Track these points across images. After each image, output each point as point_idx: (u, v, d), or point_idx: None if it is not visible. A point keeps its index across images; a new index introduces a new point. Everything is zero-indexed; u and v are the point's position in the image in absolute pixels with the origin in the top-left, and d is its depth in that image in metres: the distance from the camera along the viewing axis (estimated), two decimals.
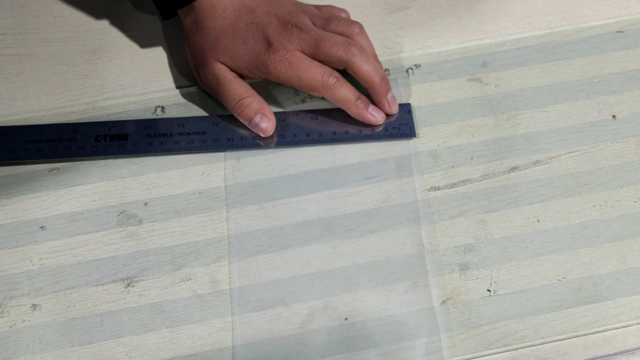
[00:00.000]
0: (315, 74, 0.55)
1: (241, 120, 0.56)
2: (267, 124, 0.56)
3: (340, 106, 0.57)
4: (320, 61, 0.56)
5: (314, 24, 0.57)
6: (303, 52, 0.55)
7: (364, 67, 0.55)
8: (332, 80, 0.55)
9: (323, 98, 0.58)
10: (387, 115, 0.58)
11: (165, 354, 0.50)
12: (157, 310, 0.51)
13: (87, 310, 0.51)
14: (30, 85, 0.60)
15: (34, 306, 0.52)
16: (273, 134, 0.57)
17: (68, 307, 0.51)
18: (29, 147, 0.56)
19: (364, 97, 0.57)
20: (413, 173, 0.56)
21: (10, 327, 0.51)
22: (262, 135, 0.56)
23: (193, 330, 0.51)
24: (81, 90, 0.60)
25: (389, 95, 0.57)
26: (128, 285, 0.52)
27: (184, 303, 0.52)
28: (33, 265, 0.53)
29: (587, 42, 0.62)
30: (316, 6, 0.60)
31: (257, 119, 0.56)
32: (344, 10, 0.61)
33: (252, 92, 0.57)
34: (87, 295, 0.52)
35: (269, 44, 0.55)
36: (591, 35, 0.62)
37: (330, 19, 0.58)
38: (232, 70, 0.57)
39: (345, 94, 0.56)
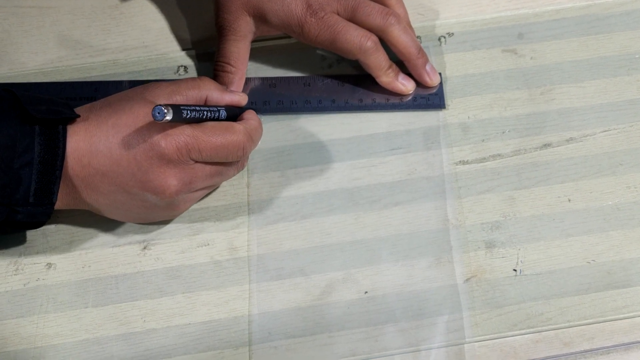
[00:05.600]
0: (353, 36, 0.53)
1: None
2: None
3: (371, 72, 0.55)
4: None
5: None
6: (339, 15, 0.53)
7: (402, 38, 0.54)
8: (370, 44, 0.53)
9: (351, 64, 0.56)
10: (428, 86, 0.56)
11: (180, 319, 0.49)
12: (173, 275, 0.50)
13: (102, 271, 0.50)
14: (51, 39, 0.59)
15: (49, 265, 0.51)
16: (297, 99, 0.55)
17: (83, 267, 0.51)
18: None
19: (395, 66, 0.55)
20: (441, 145, 0.54)
21: (24, 285, 0.50)
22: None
23: (209, 297, 0.50)
24: (103, 46, 0.58)
25: (428, 67, 0.55)
26: (144, 248, 0.51)
27: (201, 269, 0.50)
28: (48, 224, 0.51)
29: (630, 15, 0.59)
30: None
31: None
32: None
33: (241, 65, 0.55)
34: (102, 257, 0.51)
35: (308, 5, 0.53)
36: (635, 9, 0.59)
37: None
38: (258, 25, 0.54)
39: (379, 61, 0.54)
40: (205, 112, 0.47)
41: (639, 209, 0.52)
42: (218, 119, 0.49)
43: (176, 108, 0.44)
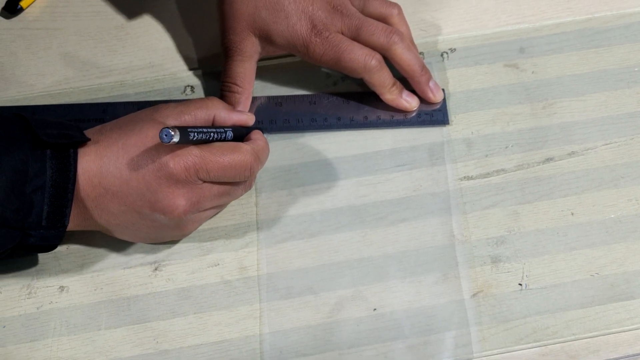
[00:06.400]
0: (357, 55, 0.53)
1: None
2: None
3: (375, 90, 0.56)
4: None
5: (353, 4, 0.55)
6: (343, 35, 0.54)
7: (405, 56, 0.54)
8: (374, 62, 0.54)
9: (356, 81, 0.57)
10: (432, 103, 0.56)
11: (192, 339, 0.50)
12: (185, 296, 0.51)
13: (114, 293, 0.51)
14: (58, 60, 0.59)
15: (62, 288, 0.51)
16: (303, 118, 0.56)
17: (95, 289, 0.51)
18: None
19: (398, 83, 0.56)
20: (445, 161, 0.55)
21: (38, 308, 0.51)
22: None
23: (220, 317, 0.50)
24: (109, 67, 0.59)
25: (431, 83, 0.56)
26: (156, 269, 0.52)
27: (212, 289, 0.51)
28: (60, 246, 0.52)
29: (629, 28, 0.60)
30: None
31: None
32: None
33: (247, 85, 0.55)
34: (114, 278, 0.51)
35: (312, 25, 0.53)
36: (633, 22, 0.60)
37: None
38: (264, 45, 0.55)
39: (383, 79, 0.55)
40: (212, 134, 0.48)
41: None
42: (225, 140, 0.49)
43: (183, 130, 0.45)
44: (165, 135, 0.43)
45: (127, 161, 0.47)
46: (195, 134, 0.46)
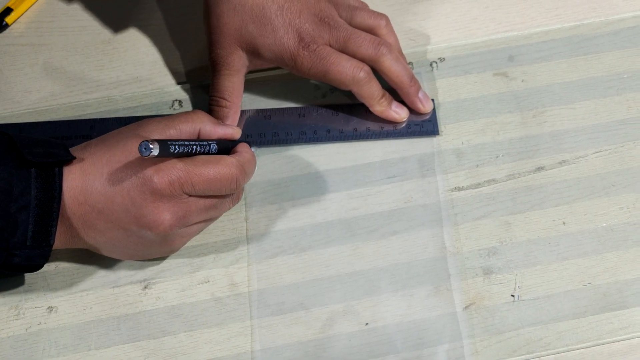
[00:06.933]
0: (345, 68, 0.53)
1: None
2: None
3: (364, 102, 0.55)
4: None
5: (341, 16, 0.55)
6: (331, 47, 0.54)
7: (393, 67, 0.54)
8: (362, 75, 0.53)
9: (345, 93, 0.57)
10: (422, 113, 0.56)
11: (183, 358, 0.49)
12: (175, 314, 0.51)
13: (104, 312, 0.51)
14: (44, 76, 0.59)
15: (50, 308, 0.51)
16: (292, 130, 0.56)
17: (84, 309, 0.51)
18: None
19: (388, 95, 0.56)
20: (436, 172, 0.55)
21: (26, 329, 0.50)
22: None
23: (211, 335, 0.50)
24: (96, 82, 0.58)
25: (420, 94, 0.56)
26: (145, 287, 0.51)
27: (202, 306, 0.51)
28: (48, 266, 0.52)
29: (618, 35, 0.60)
30: None
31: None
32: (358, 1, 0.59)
33: (235, 99, 0.55)
34: (103, 297, 0.51)
35: (300, 38, 0.53)
36: (622, 28, 0.60)
37: (356, 10, 0.56)
38: (251, 59, 0.55)
39: (372, 90, 0.54)
40: (194, 147, 0.48)
41: (632, 229, 0.53)
42: (209, 153, 0.49)
43: (163, 143, 0.44)
44: (145, 148, 0.43)
45: (111, 177, 0.46)
46: (177, 146, 0.46)
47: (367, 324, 0.50)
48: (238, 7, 0.53)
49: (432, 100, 0.57)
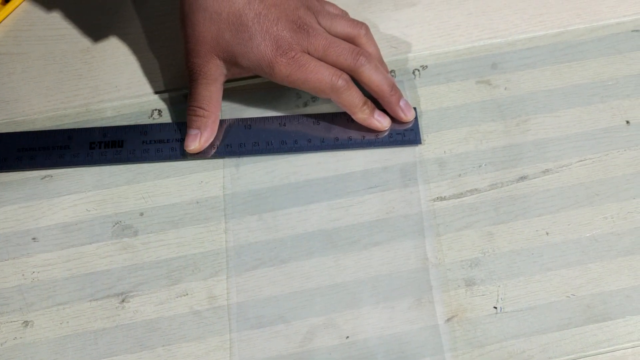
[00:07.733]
0: (324, 75, 0.52)
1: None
2: (194, 145, 0.54)
3: (346, 110, 0.55)
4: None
5: (320, 24, 0.54)
6: (310, 55, 0.53)
7: (373, 77, 0.53)
8: (341, 83, 0.53)
9: (327, 102, 0.56)
10: (404, 122, 0.55)
11: None
12: (153, 328, 0.50)
13: (80, 327, 0.50)
14: (22, 86, 0.58)
15: (26, 323, 0.50)
16: (272, 140, 0.55)
17: (61, 323, 0.50)
18: (22, 155, 0.54)
19: (370, 103, 0.55)
20: (418, 182, 0.54)
21: (1, 345, 0.49)
22: (186, 149, 0.54)
23: (190, 349, 0.49)
24: (75, 92, 0.58)
25: (402, 103, 0.55)
26: (123, 300, 0.51)
27: (181, 320, 0.50)
28: (25, 279, 0.51)
29: (602, 42, 0.59)
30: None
31: (192, 132, 0.54)
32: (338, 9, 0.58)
33: (213, 108, 0.54)
34: (80, 311, 0.50)
35: (277, 45, 0.52)
36: (606, 35, 0.59)
37: (335, 18, 0.56)
38: (229, 67, 0.54)
39: (352, 98, 0.54)
40: None
41: (616, 239, 0.52)
42: None
43: None
44: None
45: None
46: None
47: (347, 337, 0.50)
48: (214, 16, 0.52)
49: (415, 108, 0.56)
